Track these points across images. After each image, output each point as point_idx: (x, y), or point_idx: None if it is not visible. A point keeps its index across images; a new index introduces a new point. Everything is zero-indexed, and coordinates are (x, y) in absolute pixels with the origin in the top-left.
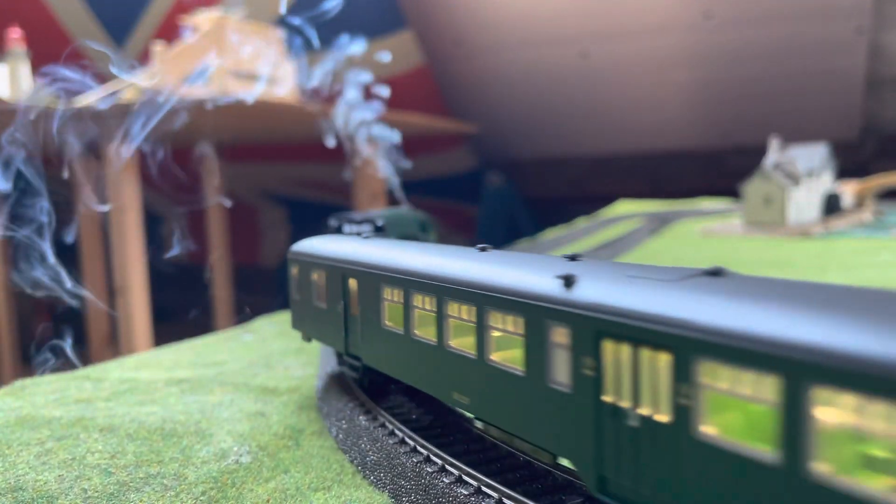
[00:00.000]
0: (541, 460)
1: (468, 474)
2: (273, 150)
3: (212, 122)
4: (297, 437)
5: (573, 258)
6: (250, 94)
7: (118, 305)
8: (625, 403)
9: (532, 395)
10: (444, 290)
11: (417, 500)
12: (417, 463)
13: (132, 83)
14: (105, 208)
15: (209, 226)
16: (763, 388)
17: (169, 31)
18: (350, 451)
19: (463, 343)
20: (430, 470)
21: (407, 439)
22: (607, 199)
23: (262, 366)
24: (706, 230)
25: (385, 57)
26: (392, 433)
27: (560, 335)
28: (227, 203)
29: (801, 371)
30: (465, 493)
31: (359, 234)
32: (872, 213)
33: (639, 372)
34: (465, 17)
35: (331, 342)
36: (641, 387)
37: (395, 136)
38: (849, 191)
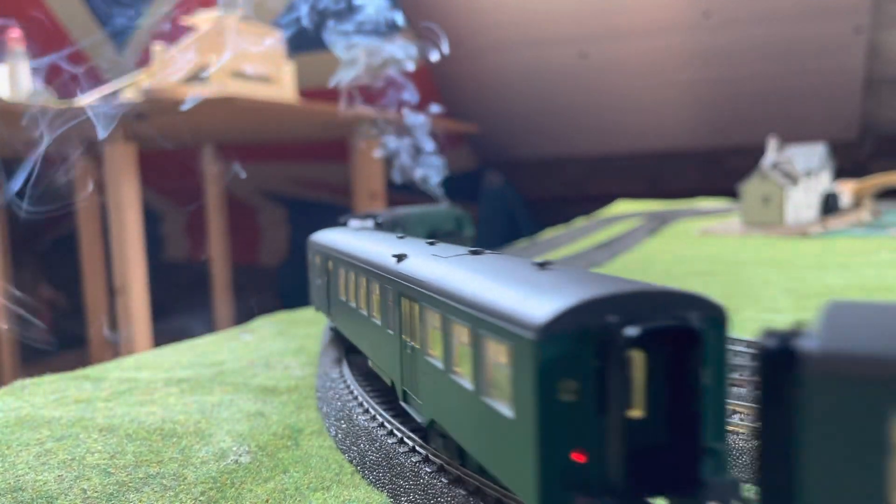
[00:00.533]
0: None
1: (467, 474)
2: (273, 149)
3: (212, 122)
4: (297, 437)
5: (432, 243)
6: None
7: (118, 305)
8: (410, 339)
9: (380, 337)
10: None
11: (416, 499)
12: (416, 463)
13: (132, 83)
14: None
15: (209, 225)
16: (434, 319)
17: (169, 31)
18: (349, 450)
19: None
20: (428, 470)
21: (406, 439)
22: (606, 199)
23: (262, 365)
24: (704, 230)
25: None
26: (391, 433)
27: (391, 296)
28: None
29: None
30: (464, 492)
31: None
32: (870, 213)
33: (412, 318)
34: (465, 18)
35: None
36: (414, 328)
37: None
38: (847, 190)
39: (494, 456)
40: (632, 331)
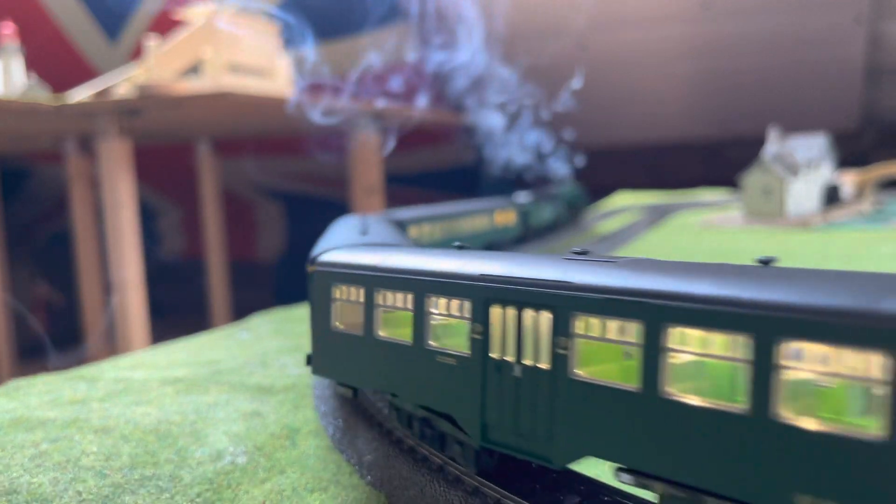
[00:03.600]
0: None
1: (466, 475)
2: (269, 143)
3: (207, 117)
4: (294, 437)
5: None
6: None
7: (114, 302)
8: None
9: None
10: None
11: (414, 500)
12: (415, 463)
13: (126, 78)
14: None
15: (205, 221)
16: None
17: (163, 25)
18: (346, 450)
19: None
20: (427, 470)
21: (404, 439)
22: (606, 191)
23: (258, 364)
24: (705, 222)
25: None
26: (389, 432)
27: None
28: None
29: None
30: (462, 493)
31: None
32: (872, 204)
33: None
34: (460, 10)
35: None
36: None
37: None
38: (848, 181)
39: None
40: None
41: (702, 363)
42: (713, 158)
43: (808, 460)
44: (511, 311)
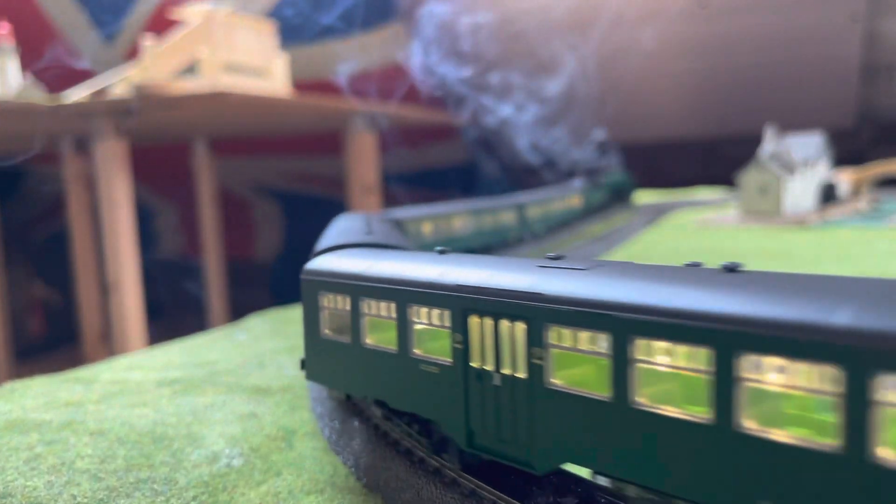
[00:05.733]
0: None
1: (462, 477)
2: (266, 143)
3: (203, 116)
4: (290, 439)
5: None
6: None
7: (111, 303)
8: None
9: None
10: None
11: (411, 502)
12: (411, 465)
13: (122, 78)
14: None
15: (202, 221)
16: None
17: (159, 26)
18: (343, 452)
19: None
20: (424, 472)
21: (401, 441)
22: None
23: (255, 365)
24: (702, 221)
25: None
26: (385, 434)
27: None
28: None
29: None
30: (459, 495)
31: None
32: (869, 202)
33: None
34: (454, 8)
35: None
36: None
37: None
38: (845, 179)
39: None
40: None
41: (668, 374)
42: (709, 157)
43: (769, 469)
44: (488, 321)
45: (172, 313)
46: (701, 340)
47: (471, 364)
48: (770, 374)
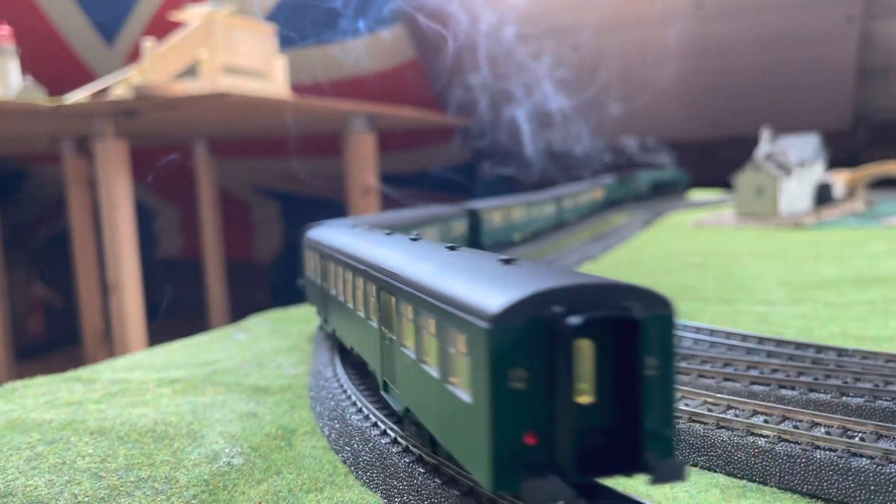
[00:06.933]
0: None
1: (460, 475)
2: (266, 144)
3: (203, 118)
4: (290, 438)
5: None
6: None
7: (111, 303)
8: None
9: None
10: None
11: (409, 500)
12: (410, 463)
13: (122, 79)
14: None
15: (202, 221)
16: None
17: (159, 28)
18: (342, 451)
19: None
20: (422, 470)
21: (399, 439)
22: None
23: (255, 365)
24: (698, 222)
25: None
26: (384, 433)
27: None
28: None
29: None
30: (457, 493)
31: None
32: (864, 203)
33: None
34: (457, 11)
35: None
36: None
37: None
38: (840, 180)
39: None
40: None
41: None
42: (706, 158)
43: (422, 383)
44: (384, 294)
45: (172, 314)
46: (432, 311)
47: (382, 328)
48: (429, 325)
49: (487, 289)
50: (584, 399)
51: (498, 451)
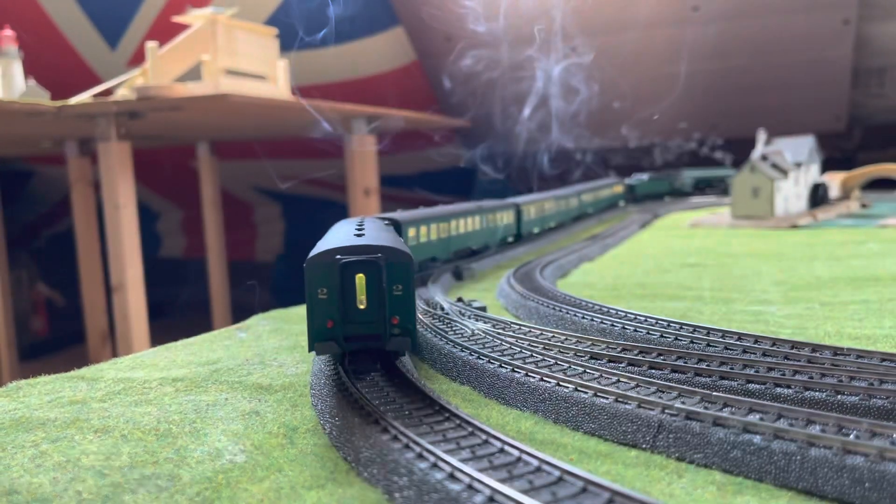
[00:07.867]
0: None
1: (460, 470)
2: (267, 146)
3: (206, 119)
4: (292, 435)
5: None
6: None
7: (114, 303)
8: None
9: None
10: None
11: (410, 495)
12: (410, 459)
13: (125, 81)
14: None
15: (205, 222)
16: None
17: (162, 31)
18: (343, 447)
19: None
20: (422, 466)
21: (399, 436)
22: None
23: (257, 363)
24: (695, 222)
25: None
26: (385, 430)
27: None
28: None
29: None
30: (458, 488)
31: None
32: (859, 204)
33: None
34: (456, 14)
35: None
36: None
37: None
38: (836, 182)
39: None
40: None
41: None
42: (702, 160)
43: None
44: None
45: (175, 314)
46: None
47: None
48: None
49: (320, 248)
50: (361, 305)
51: (313, 329)
